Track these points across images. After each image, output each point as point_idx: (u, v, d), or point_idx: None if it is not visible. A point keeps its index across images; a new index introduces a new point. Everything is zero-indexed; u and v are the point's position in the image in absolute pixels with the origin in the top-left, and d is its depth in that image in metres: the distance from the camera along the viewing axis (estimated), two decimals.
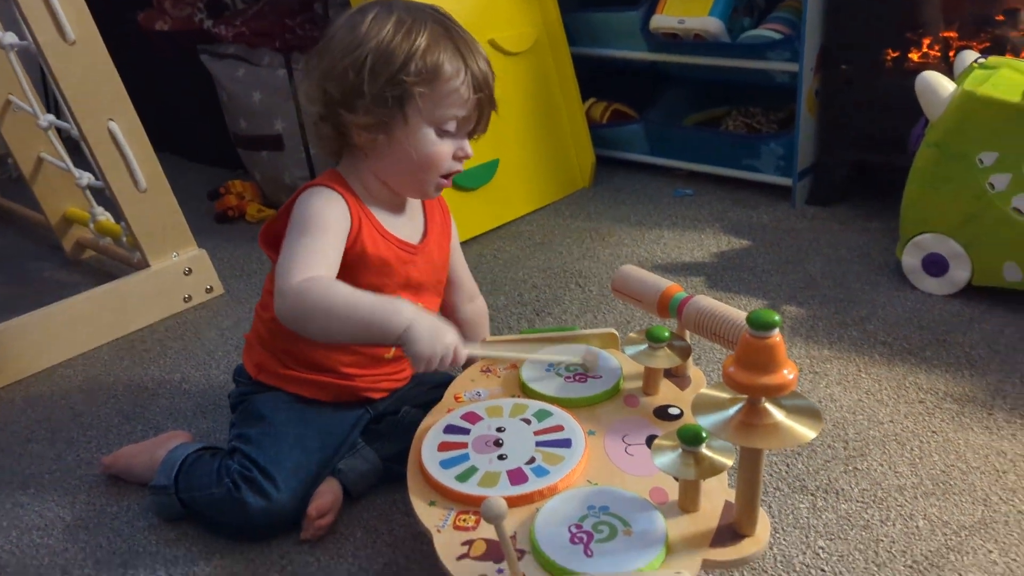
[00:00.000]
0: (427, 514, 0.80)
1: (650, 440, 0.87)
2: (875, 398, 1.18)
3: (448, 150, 0.97)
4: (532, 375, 0.98)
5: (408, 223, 1.05)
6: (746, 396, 0.69)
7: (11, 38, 1.46)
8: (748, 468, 0.72)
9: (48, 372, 1.38)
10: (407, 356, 0.87)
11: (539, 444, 0.86)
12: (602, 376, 0.97)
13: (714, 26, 1.82)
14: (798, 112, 1.77)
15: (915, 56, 1.67)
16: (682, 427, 0.74)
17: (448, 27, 0.96)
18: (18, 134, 1.65)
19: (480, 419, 0.91)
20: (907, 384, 1.20)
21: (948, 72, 1.42)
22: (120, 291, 1.48)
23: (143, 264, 1.54)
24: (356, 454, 1.04)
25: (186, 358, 1.40)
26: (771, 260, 1.61)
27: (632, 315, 1.44)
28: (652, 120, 2.08)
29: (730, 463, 0.74)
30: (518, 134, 1.86)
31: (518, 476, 0.82)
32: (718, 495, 0.78)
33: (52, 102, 2.11)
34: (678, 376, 0.98)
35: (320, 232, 0.92)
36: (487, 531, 0.77)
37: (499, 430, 0.89)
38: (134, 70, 1.45)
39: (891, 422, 1.12)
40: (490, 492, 0.80)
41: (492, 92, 0.98)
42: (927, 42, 1.66)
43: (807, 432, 0.68)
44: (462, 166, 1.00)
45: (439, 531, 0.78)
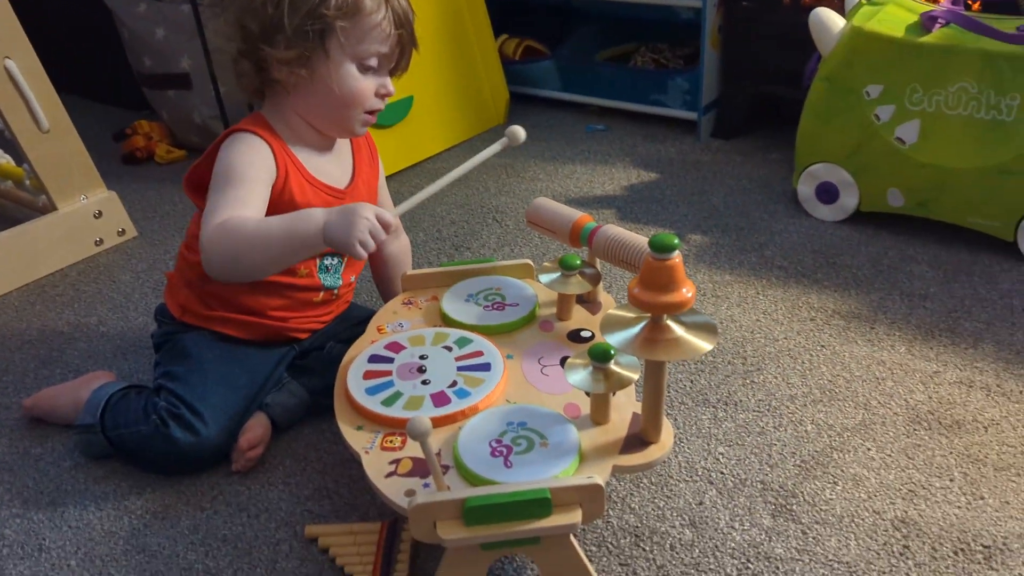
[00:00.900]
0: (355, 438, 0.84)
1: (564, 361, 0.92)
2: (771, 318, 1.27)
3: (371, 86, 0.98)
4: (453, 306, 1.02)
5: (336, 164, 1.05)
6: (649, 314, 0.75)
7: None
8: (652, 380, 0.78)
9: None
10: (340, 250, 0.87)
11: (460, 368, 0.91)
12: (519, 304, 1.02)
13: None
14: (702, 48, 1.82)
15: None
16: (592, 345, 0.80)
17: None
18: None
19: (403, 348, 0.95)
20: (800, 304, 1.29)
21: (840, 8, 1.49)
22: (27, 235, 1.45)
23: (50, 207, 1.50)
24: (283, 388, 1.06)
25: (101, 301, 1.39)
26: (677, 191, 1.68)
27: (547, 247, 1.49)
28: (564, 57, 2.11)
29: (636, 376, 0.80)
30: (432, 71, 1.86)
31: (441, 399, 0.87)
32: (626, 408, 0.84)
33: None
34: (590, 302, 1.03)
35: (241, 182, 0.92)
36: (413, 450, 0.81)
37: (422, 357, 0.93)
38: (26, 5, 1.39)
39: (785, 339, 1.21)
40: (414, 415, 0.83)
41: (412, 29, 1.00)
42: None
43: (704, 344, 0.74)
44: (384, 104, 1.01)
45: (367, 452, 0.82)
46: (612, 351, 0.79)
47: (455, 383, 0.88)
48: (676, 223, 1.56)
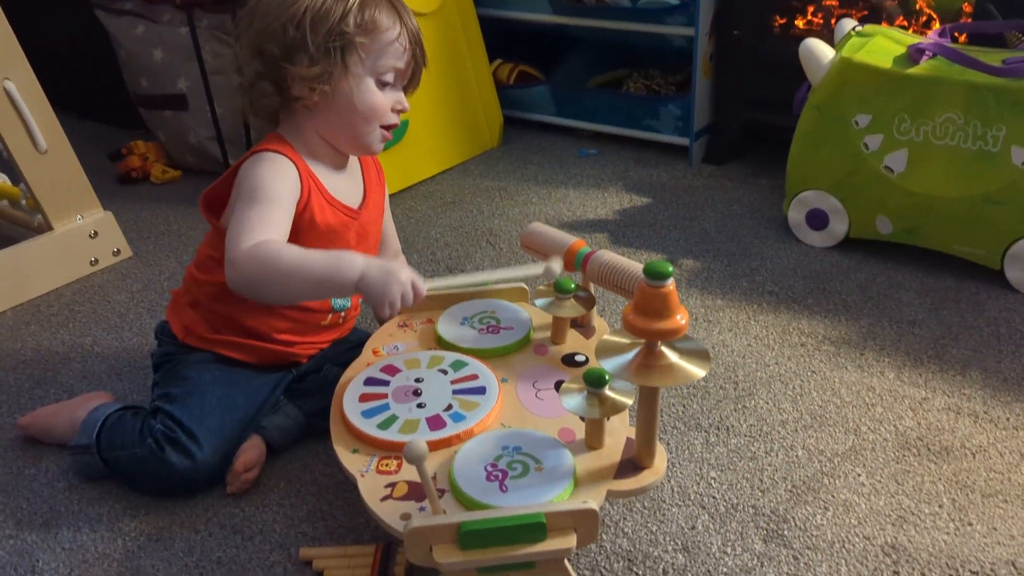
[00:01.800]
0: (351, 461, 0.85)
1: (559, 385, 0.93)
2: (762, 343, 1.28)
3: (388, 101, 1.01)
4: (448, 329, 1.03)
5: (350, 183, 1.07)
6: (644, 340, 0.76)
7: None
8: (646, 406, 0.79)
9: None
10: (369, 303, 0.88)
11: (456, 392, 0.91)
12: (514, 328, 1.03)
13: None
14: (694, 75, 1.85)
15: (801, 23, 1.77)
16: (587, 370, 0.81)
17: None
18: None
19: (399, 371, 0.96)
20: (791, 329, 1.31)
21: (830, 38, 1.52)
22: (22, 255, 1.45)
23: (45, 227, 1.51)
24: (279, 411, 1.07)
25: (96, 321, 1.39)
26: (670, 216, 1.70)
27: None
28: (557, 82, 2.13)
29: (630, 402, 0.81)
30: (428, 95, 1.88)
31: (436, 422, 0.87)
32: (620, 433, 0.85)
33: None
34: (584, 326, 1.05)
35: (269, 201, 0.93)
36: (409, 473, 0.82)
37: (417, 380, 0.94)
38: (22, 24, 1.40)
39: (776, 364, 1.23)
40: (410, 438, 0.84)
41: (423, 48, 1.03)
42: (811, 10, 1.76)
43: (698, 371, 0.75)
44: (399, 119, 1.04)
45: (363, 476, 0.82)
46: (607, 376, 0.80)
47: (450, 406, 0.89)
48: (668, 248, 1.58)
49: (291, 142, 1.01)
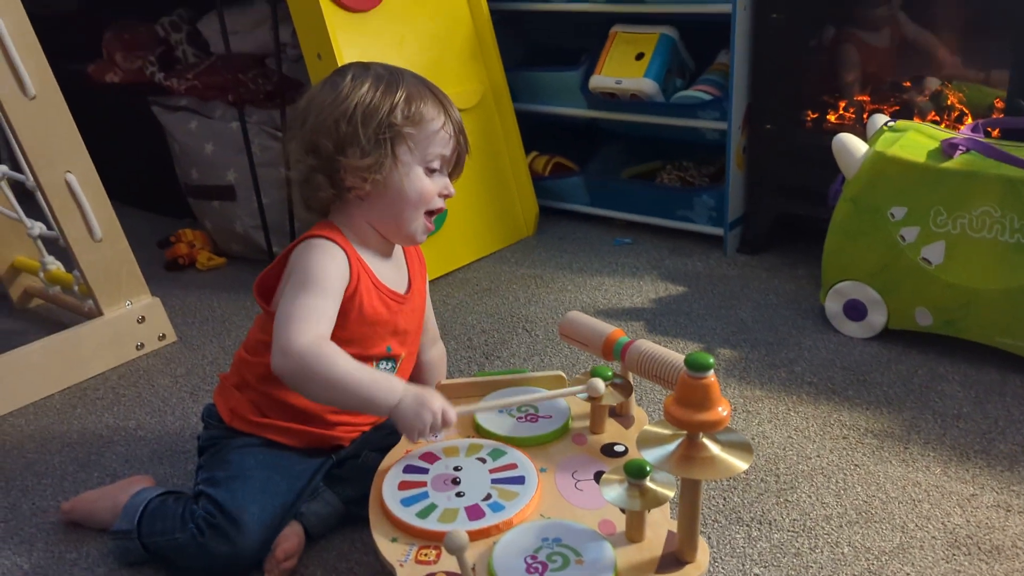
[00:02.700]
0: (390, 550, 0.84)
1: (598, 475, 0.93)
2: (803, 435, 1.26)
3: (435, 187, 1.06)
4: (486, 416, 1.03)
5: (396, 271, 1.11)
6: (685, 432, 0.76)
7: None
8: (688, 498, 0.78)
9: None
10: (399, 430, 0.94)
11: (494, 481, 0.91)
12: (552, 416, 1.03)
13: (649, 87, 1.94)
14: (728, 167, 1.89)
15: (832, 117, 1.81)
16: (628, 461, 0.81)
17: (422, 81, 1.07)
18: None
19: (438, 459, 0.96)
20: (832, 421, 1.29)
21: (861, 133, 1.54)
22: (73, 339, 1.50)
23: (95, 312, 1.55)
24: (318, 497, 1.07)
25: (140, 405, 1.42)
26: (705, 305, 1.71)
27: (576, 358, 1.51)
28: (592, 173, 2.18)
29: (672, 494, 0.80)
30: (465, 185, 1.93)
31: (475, 512, 0.87)
32: (661, 526, 0.84)
33: (2, 153, 2.12)
34: (622, 416, 1.05)
35: (321, 290, 0.97)
36: (448, 564, 0.81)
37: (456, 469, 0.94)
38: (82, 118, 1.48)
39: (818, 457, 1.21)
40: (449, 527, 0.85)
41: (466, 136, 1.09)
42: (843, 105, 1.80)
43: (740, 463, 0.75)
44: (443, 204, 1.09)
45: (401, 565, 0.82)
46: (648, 467, 0.80)
47: (489, 496, 0.89)
48: (704, 337, 1.58)
49: (341, 230, 1.05)
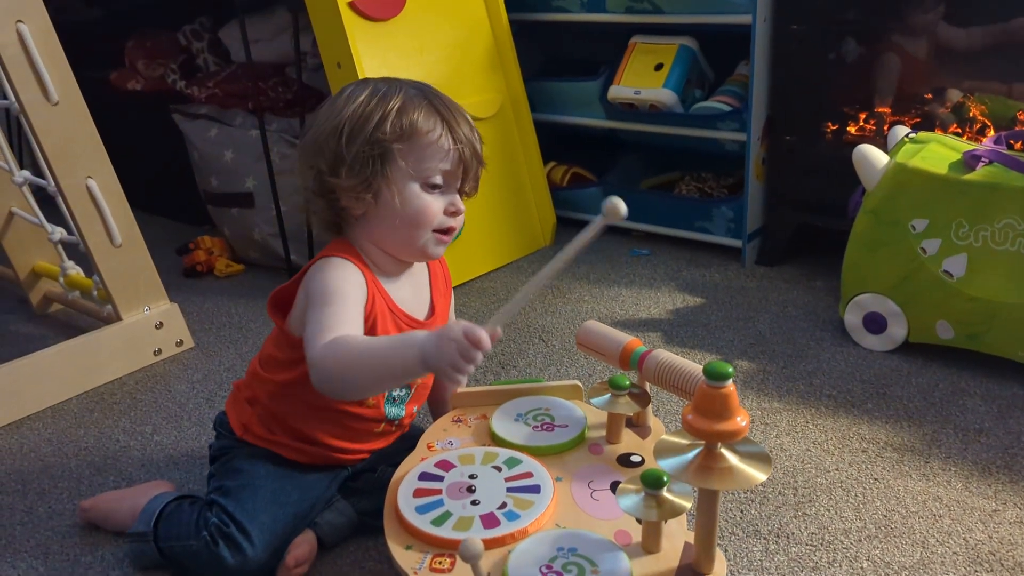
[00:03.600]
0: (404, 557, 0.84)
1: (614, 486, 0.92)
2: (822, 447, 1.25)
3: (437, 205, 0.99)
4: (502, 425, 1.03)
5: (414, 293, 1.07)
6: (703, 442, 0.75)
7: None
8: (706, 509, 0.77)
9: (16, 425, 1.39)
10: (441, 378, 0.84)
11: (510, 490, 0.91)
12: (568, 425, 1.02)
13: (668, 98, 1.93)
14: (747, 178, 1.88)
15: (852, 129, 1.80)
16: (645, 471, 0.80)
17: (424, 90, 1.00)
18: None
19: (453, 467, 0.95)
20: (851, 434, 1.28)
21: (882, 144, 1.53)
22: (91, 344, 1.50)
23: (114, 318, 1.56)
24: (332, 507, 1.07)
25: (157, 410, 1.42)
26: (723, 317, 1.70)
27: (592, 368, 1.51)
28: (610, 183, 2.18)
29: (689, 505, 0.79)
30: (483, 195, 1.90)
31: (491, 520, 0.86)
32: (678, 537, 0.83)
33: (24, 158, 2.14)
34: (639, 426, 1.04)
35: (341, 300, 0.93)
36: (462, 572, 0.81)
37: (471, 477, 0.93)
38: (104, 125, 1.49)
39: (836, 470, 1.19)
40: (464, 536, 0.84)
41: (476, 148, 1.01)
42: (863, 116, 1.79)
43: (758, 475, 0.74)
44: (457, 222, 1.02)
45: (416, 573, 0.81)
46: (665, 478, 0.79)
47: (504, 504, 0.88)
48: (722, 349, 1.57)
49: (356, 249, 1.02)
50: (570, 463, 0.97)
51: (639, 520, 0.82)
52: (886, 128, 1.70)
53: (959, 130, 1.67)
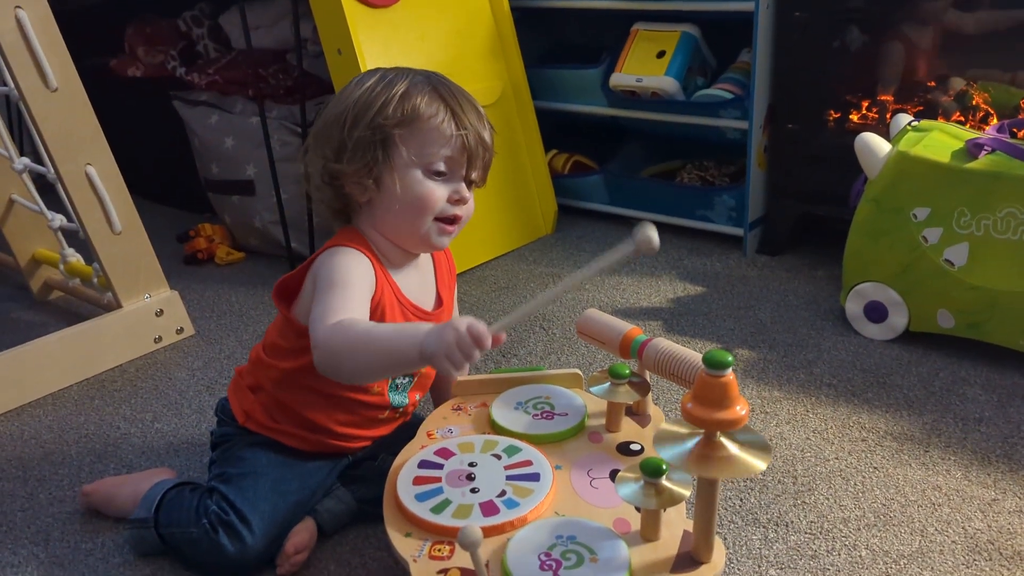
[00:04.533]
0: (403, 545, 0.84)
1: (613, 474, 0.92)
2: (821, 436, 1.25)
3: (439, 192, 0.99)
4: (502, 413, 1.03)
5: (421, 283, 1.07)
6: (703, 430, 0.75)
7: None
8: (705, 497, 0.77)
9: (17, 412, 1.39)
10: (440, 371, 0.85)
11: (509, 478, 0.91)
12: (568, 414, 1.02)
13: (670, 85, 1.92)
14: (748, 167, 1.87)
15: (855, 117, 1.79)
16: (645, 459, 0.80)
17: (431, 77, 1.00)
18: None
19: (453, 455, 0.95)
20: (851, 423, 1.28)
21: (885, 133, 1.53)
22: (91, 331, 1.50)
23: (114, 305, 1.56)
24: (332, 495, 1.07)
25: (157, 397, 1.42)
26: (724, 306, 1.69)
27: (593, 357, 1.50)
28: (611, 172, 2.17)
29: (688, 493, 0.80)
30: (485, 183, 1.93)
31: (490, 508, 0.87)
32: (677, 525, 0.83)
33: (24, 145, 2.13)
34: (639, 414, 1.04)
35: (347, 286, 0.93)
36: (461, 560, 0.81)
37: (471, 465, 0.93)
38: (103, 112, 1.49)
39: (836, 459, 1.19)
40: (463, 523, 0.84)
41: (482, 136, 1.00)
42: (866, 104, 1.78)
43: (758, 463, 0.74)
44: (462, 211, 1.02)
45: (415, 560, 0.82)
46: (664, 466, 0.79)
47: (504, 492, 0.89)
48: (723, 337, 1.57)
49: (364, 238, 1.01)
50: (570, 451, 0.97)
51: (638, 508, 0.82)
52: (889, 116, 1.69)
53: (962, 118, 1.67)
